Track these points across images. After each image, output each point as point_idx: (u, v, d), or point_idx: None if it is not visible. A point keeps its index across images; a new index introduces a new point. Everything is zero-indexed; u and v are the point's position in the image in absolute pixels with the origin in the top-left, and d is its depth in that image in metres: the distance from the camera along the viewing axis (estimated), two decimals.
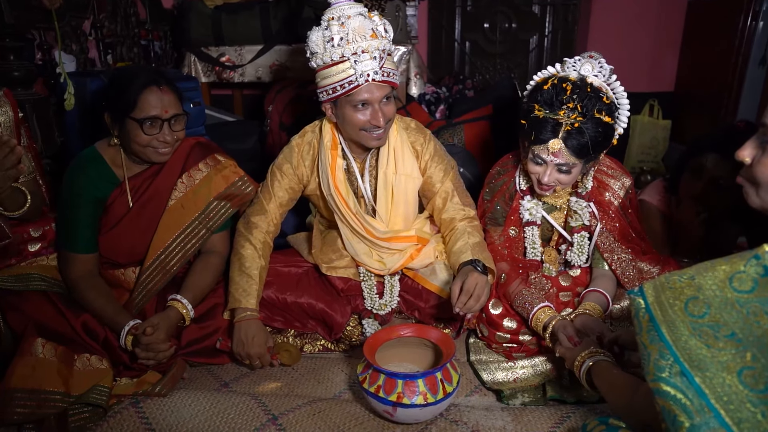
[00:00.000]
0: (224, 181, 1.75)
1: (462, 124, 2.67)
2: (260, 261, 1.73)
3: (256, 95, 3.54)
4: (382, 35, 1.56)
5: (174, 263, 1.71)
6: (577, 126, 1.48)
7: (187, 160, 1.74)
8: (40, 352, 1.46)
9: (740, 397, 0.70)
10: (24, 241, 1.70)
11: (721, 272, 0.76)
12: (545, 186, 1.59)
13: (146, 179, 1.72)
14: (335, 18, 1.52)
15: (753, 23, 3.10)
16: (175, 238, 1.71)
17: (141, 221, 1.71)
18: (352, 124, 1.61)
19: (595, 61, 1.54)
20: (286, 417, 1.46)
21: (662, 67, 3.86)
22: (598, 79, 1.54)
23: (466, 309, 1.49)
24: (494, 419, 1.47)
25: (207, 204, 1.72)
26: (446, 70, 3.95)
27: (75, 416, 1.45)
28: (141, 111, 1.57)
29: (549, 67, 1.63)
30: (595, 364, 1.32)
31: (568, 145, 1.49)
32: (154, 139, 1.60)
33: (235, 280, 1.70)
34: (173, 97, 1.63)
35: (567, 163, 1.52)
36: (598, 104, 1.49)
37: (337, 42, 1.52)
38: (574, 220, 1.71)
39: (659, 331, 0.77)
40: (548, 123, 1.50)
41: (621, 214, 1.70)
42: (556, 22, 3.86)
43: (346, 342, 1.84)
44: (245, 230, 1.77)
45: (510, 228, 1.78)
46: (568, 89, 1.49)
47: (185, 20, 3.02)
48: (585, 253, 1.72)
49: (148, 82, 1.58)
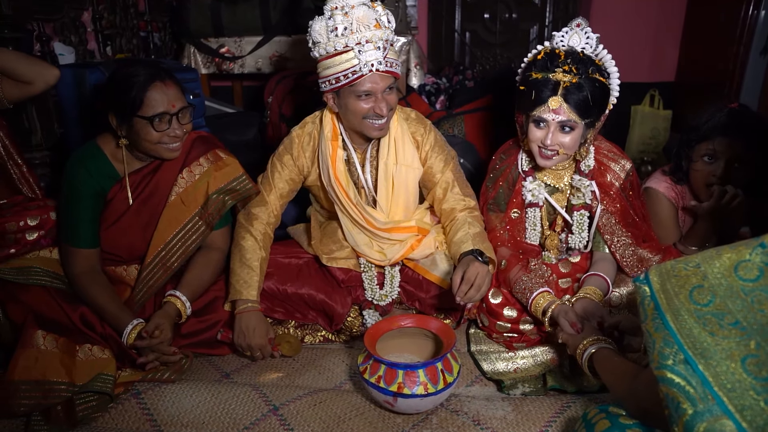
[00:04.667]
0: (224, 178, 1.74)
1: (462, 114, 2.66)
2: (261, 252, 1.73)
3: (256, 86, 3.52)
4: (386, 25, 1.56)
5: (175, 259, 1.70)
6: (575, 82, 1.51)
7: (188, 155, 1.72)
8: (41, 343, 1.47)
9: (744, 385, 0.70)
10: (21, 230, 1.70)
11: (726, 260, 0.76)
12: (549, 149, 1.59)
13: (147, 175, 1.71)
14: (338, 8, 1.51)
15: (754, 12, 3.07)
16: (175, 234, 1.70)
17: (141, 217, 1.71)
18: (355, 113, 1.60)
19: (581, 31, 1.58)
20: (287, 407, 1.46)
21: (663, 57, 3.84)
22: (586, 50, 1.58)
23: (467, 299, 1.49)
24: (495, 409, 1.47)
25: (206, 198, 1.71)
26: (446, 61, 3.93)
27: (82, 405, 1.46)
28: (149, 108, 1.55)
29: (539, 45, 1.65)
30: (597, 351, 1.33)
31: (568, 100, 1.52)
32: (165, 135, 1.59)
33: (235, 272, 1.70)
34: (177, 89, 1.62)
35: (569, 120, 1.54)
36: (591, 66, 1.53)
37: (341, 32, 1.51)
38: (576, 198, 1.72)
39: (664, 319, 0.77)
40: (548, 82, 1.53)
41: (622, 195, 1.71)
42: (557, 12, 3.84)
43: (347, 333, 1.84)
44: (246, 222, 1.77)
45: (512, 211, 1.78)
46: (561, 55, 1.54)
47: (184, 11, 3.00)
48: (585, 232, 1.73)
49: (151, 78, 1.56)
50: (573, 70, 1.52)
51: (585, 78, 1.52)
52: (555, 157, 1.61)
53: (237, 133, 2.78)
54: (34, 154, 2.11)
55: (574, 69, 1.52)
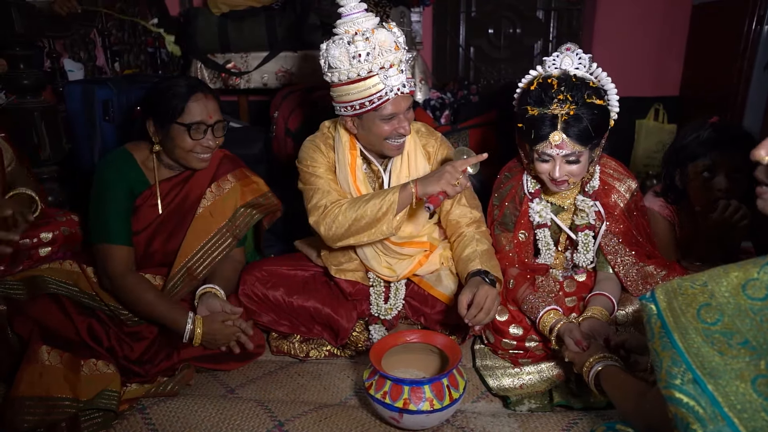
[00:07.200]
0: (252, 193, 1.82)
1: (467, 129, 2.67)
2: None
3: (262, 101, 3.55)
4: (403, 46, 1.56)
5: (201, 270, 1.74)
6: (573, 114, 1.49)
7: (217, 170, 1.79)
8: (45, 359, 1.47)
9: (754, 406, 0.69)
10: (36, 246, 1.70)
11: (734, 279, 0.75)
12: (559, 181, 1.59)
13: (176, 185, 1.75)
14: (359, 32, 1.50)
15: (758, 27, 3.08)
16: (203, 245, 1.73)
17: (169, 226, 1.75)
18: (379, 135, 1.60)
19: (572, 53, 1.57)
20: (292, 423, 1.46)
21: (667, 72, 3.85)
22: (579, 71, 1.56)
23: (476, 321, 1.48)
24: (501, 425, 1.46)
25: (235, 211, 1.77)
26: (451, 76, 3.95)
27: (87, 422, 1.45)
28: (188, 116, 1.62)
29: (531, 71, 1.64)
30: (604, 368, 1.32)
31: (569, 134, 1.50)
32: (198, 144, 1.65)
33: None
34: (216, 104, 1.69)
35: (573, 152, 1.53)
36: (586, 90, 1.51)
37: (365, 57, 1.49)
38: (580, 219, 1.71)
39: (671, 337, 0.76)
40: (545, 118, 1.52)
41: (626, 216, 1.70)
42: (561, 27, 3.87)
43: (352, 348, 1.84)
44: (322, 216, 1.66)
45: (519, 232, 1.78)
46: (554, 84, 1.52)
47: (192, 28, 3.03)
48: (590, 252, 1.72)
49: (194, 89, 1.64)
50: (569, 99, 1.50)
51: (582, 105, 1.50)
52: (565, 184, 1.61)
53: (243, 148, 2.79)
54: (42, 169, 2.13)
55: (570, 97, 1.50)
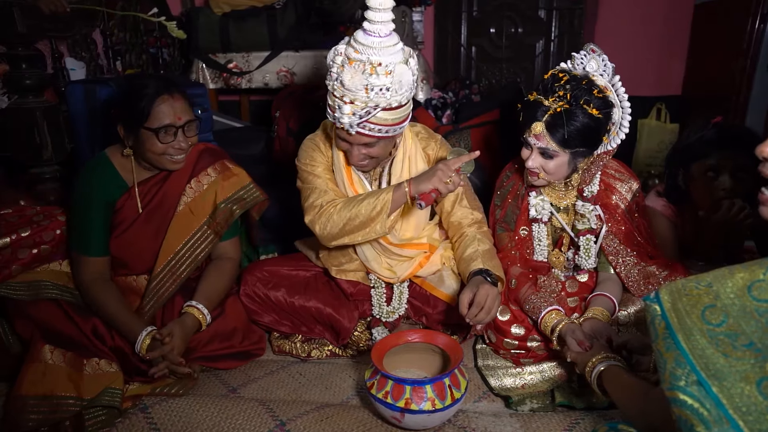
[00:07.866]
0: (232, 187, 1.76)
1: (468, 128, 2.66)
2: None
3: (264, 101, 3.55)
4: (378, 93, 1.44)
5: (184, 269, 1.71)
6: (559, 111, 1.49)
7: (196, 166, 1.75)
8: (48, 358, 1.47)
9: (760, 408, 0.68)
10: (37, 245, 1.71)
11: (739, 280, 0.75)
12: (531, 171, 1.62)
13: (155, 184, 1.73)
14: (382, 65, 1.42)
15: (761, 26, 3.08)
16: (184, 243, 1.71)
17: (150, 226, 1.72)
18: (338, 147, 1.62)
19: (599, 57, 1.56)
20: (294, 423, 1.46)
21: (669, 71, 3.84)
22: (603, 78, 1.55)
23: (477, 321, 1.48)
24: (503, 425, 1.46)
25: (214, 207, 1.73)
26: (452, 75, 3.94)
27: (91, 419, 1.46)
28: (155, 120, 1.58)
29: (562, 63, 1.64)
30: (606, 368, 1.31)
31: (549, 128, 1.51)
32: (170, 147, 1.62)
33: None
34: (184, 103, 1.64)
35: (548, 149, 1.54)
36: (587, 96, 1.50)
37: (334, 77, 1.47)
38: (581, 224, 1.71)
39: (675, 339, 0.76)
40: (537, 106, 1.53)
41: (627, 217, 1.70)
42: (562, 26, 3.86)
43: (354, 348, 1.84)
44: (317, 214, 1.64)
45: (521, 228, 1.78)
46: (564, 79, 1.53)
47: (193, 27, 3.03)
48: (592, 255, 1.72)
49: (159, 91, 1.59)
50: (567, 97, 1.50)
51: (576, 107, 1.49)
52: (536, 177, 1.62)
53: (244, 148, 2.79)
54: (44, 169, 2.14)
55: (568, 96, 1.50)
